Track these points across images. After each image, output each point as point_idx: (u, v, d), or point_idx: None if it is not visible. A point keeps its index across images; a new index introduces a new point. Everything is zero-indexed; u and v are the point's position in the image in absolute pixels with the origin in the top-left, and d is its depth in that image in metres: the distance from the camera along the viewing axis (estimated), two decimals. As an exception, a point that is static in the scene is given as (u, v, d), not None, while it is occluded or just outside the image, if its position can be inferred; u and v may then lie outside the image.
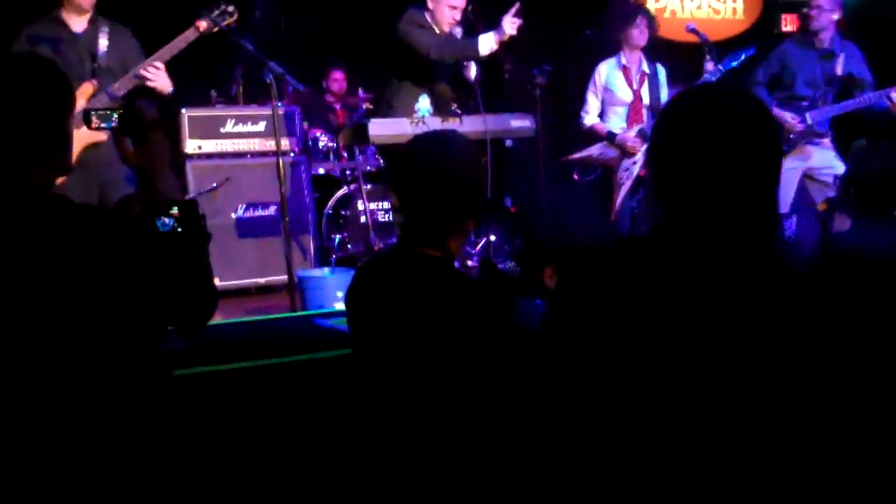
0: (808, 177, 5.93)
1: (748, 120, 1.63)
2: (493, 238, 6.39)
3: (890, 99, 5.61)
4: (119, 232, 1.94)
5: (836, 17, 5.80)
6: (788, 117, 5.73)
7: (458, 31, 5.46)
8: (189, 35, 4.70)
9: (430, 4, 5.42)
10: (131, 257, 1.91)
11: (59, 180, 4.03)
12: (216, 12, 4.78)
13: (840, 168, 5.86)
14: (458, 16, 5.40)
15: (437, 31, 5.38)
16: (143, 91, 4.58)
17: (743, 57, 5.61)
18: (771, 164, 1.65)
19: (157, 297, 1.95)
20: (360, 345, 2.42)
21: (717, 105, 1.65)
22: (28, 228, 1.84)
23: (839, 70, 5.86)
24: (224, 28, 4.77)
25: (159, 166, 2.17)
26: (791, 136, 5.76)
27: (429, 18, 5.40)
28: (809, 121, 5.76)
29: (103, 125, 2.19)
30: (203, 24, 4.73)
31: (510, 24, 5.20)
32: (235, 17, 4.85)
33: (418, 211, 2.32)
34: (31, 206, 1.88)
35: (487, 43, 5.27)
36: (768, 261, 1.63)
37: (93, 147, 4.23)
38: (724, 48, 5.95)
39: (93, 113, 2.18)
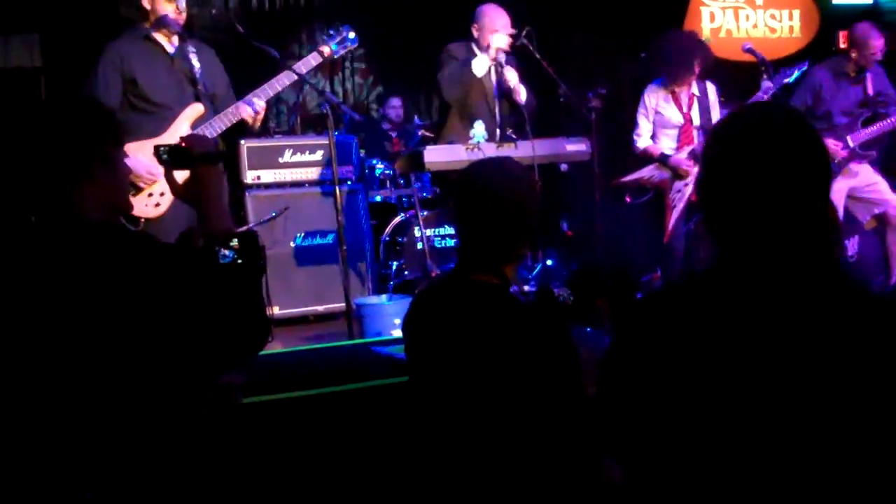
0: (850, 197, 5.87)
1: (796, 136, 1.60)
2: (549, 262, 6.39)
3: None
4: (174, 263, 1.97)
5: (879, 58, 5.81)
6: (831, 144, 5.70)
7: (503, 58, 5.50)
8: (311, 61, 4.68)
9: (474, 33, 5.49)
10: (187, 288, 1.94)
11: (160, 212, 4.20)
12: (337, 39, 4.77)
13: (882, 182, 5.81)
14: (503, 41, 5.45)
15: (488, 60, 5.47)
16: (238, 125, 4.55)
17: (797, 73, 5.59)
18: (822, 180, 1.61)
19: (213, 328, 1.98)
20: (417, 372, 2.43)
21: (764, 123, 1.62)
22: (81, 259, 1.88)
23: (870, 89, 5.84)
24: (342, 55, 4.77)
25: (211, 198, 2.19)
26: (837, 161, 5.72)
27: (474, 47, 5.48)
28: (852, 144, 5.72)
29: (162, 159, 2.23)
30: (326, 51, 4.72)
31: (499, 38, 5.33)
32: (356, 45, 4.84)
33: (474, 237, 2.34)
34: (85, 236, 1.92)
35: (481, 64, 5.36)
36: (838, 284, 1.58)
37: None
38: (780, 67, 5.90)
39: (160, 148, 2.23)
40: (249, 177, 5.97)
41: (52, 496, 1.82)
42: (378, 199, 7.03)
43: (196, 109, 4.47)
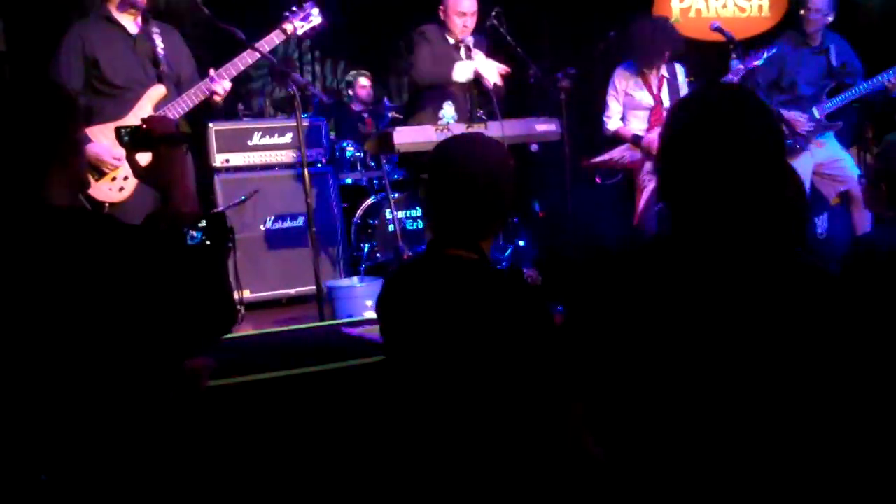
0: (816, 173, 5.90)
1: (747, 115, 1.67)
2: (521, 243, 6.40)
3: (889, 81, 5.60)
4: (141, 245, 1.96)
5: (830, 19, 5.81)
6: (797, 116, 5.73)
7: (471, 40, 5.50)
8: (274, 39, 4.62)
9: (441, 16, 5.48)
10: (154, 270, 1.93)
11: (125, 195, 4.16)
12: (300, 15, 4.74)
13: (847, 159, 5.85)
14: (468, 23, 5.46)
15: (452, 42, 5.47)
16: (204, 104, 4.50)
17: (765, 55, 5.58)
18: (771, 156, 1.68)
19: (179, 310, 1.96)
20: (395, 350, 2.42)
21: (718, 102, 1.70)
22: (47, 243, 1.87)
23: (834, 62, 5.86)
24: (307, 34, 4.72)
25: (174, 180, 2.17)
26: (803, 133, 5.75)
27: (444, 31, 5.47)
28: (818, 115, 5.75)
29: (123, 141, 2.21)
30: (289, 28, 4.66)
31: (494, 74, 5.36)
32: (321, 22, 4.79)
33: (449, 213, 2.33)
34: (51, 220, 1.91)
35: (464, 72, 5.39)
36: (784, 257, 1.63)
37: None
38: (750, 46, 5.91)
39: (121, 130, 2.21)
40: (218, 160, 5.94)
41: (4, 477, 1.81)
42: (349, 181, 7.01)
43: (158, 91, 4.43)
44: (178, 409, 2.15)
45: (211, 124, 5.89)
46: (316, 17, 4.78)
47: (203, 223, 2.13)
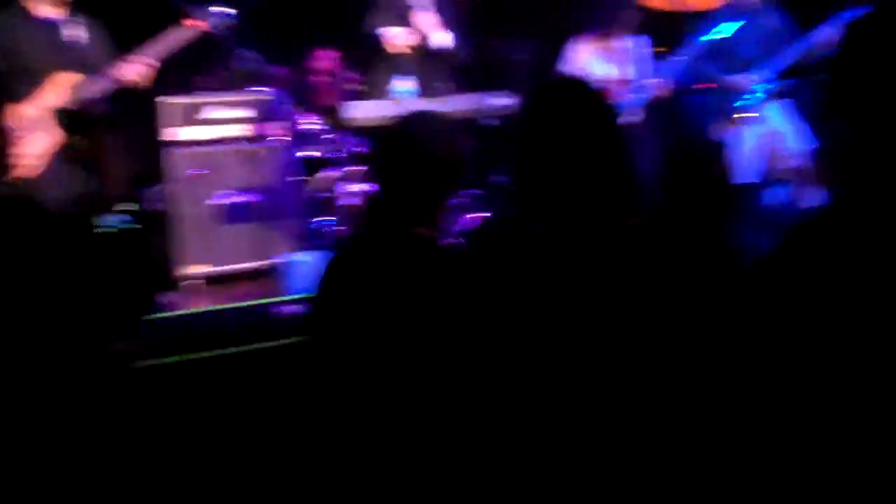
0: (763, 145, 5.91)
1: (586, 111, 1.77)
2: (483, 216, 6.37)
3: (830, 32, 5.61)
4: (68, 229, 1.93)
5: None
6: (740, 80, 5.73)
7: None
8: (185, 33, 4.60)
9: None
10: (74, 254, 1.90)
11: (31, 171, 4.10)
12: (217, 13, 4.73)
13: (794, 129, 5.86)
14: None
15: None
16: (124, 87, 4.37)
17: (724, 26, 5.57)
18: (609, 151, 1.77)
19: (105, 293, 1.94)
20: (337, 328, 2.37)
21: (556, 101, 1.81)
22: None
23: (772, 25, 5.87)
24: (222, 32, 4.73)
25: (108, 162, 2.15)
26: (748, 98, 5.74)
27: None
28: (762, 78, 5.74)
29: (62, 123, 2.17)
30: (200, 23, 4.65)
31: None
32: (234, 21, 4.79)
33: (404, 190, 2.33)
34: None
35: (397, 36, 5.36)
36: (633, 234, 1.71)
37: None
38: (709, 17, 5.89)
39: (59, 112, 2.17)
40: (169, 135, 5.86)
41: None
42: (308, 154, 6.94)
43: (68, 77, 4.28)
44: (103, 390, 2.13)
45: (161, 98, 5.81)
46: (230, 16, 4.82)
47: (134, 206, 2.09)
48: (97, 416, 2.01)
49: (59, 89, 4.34)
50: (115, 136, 2.16)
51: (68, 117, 2.15)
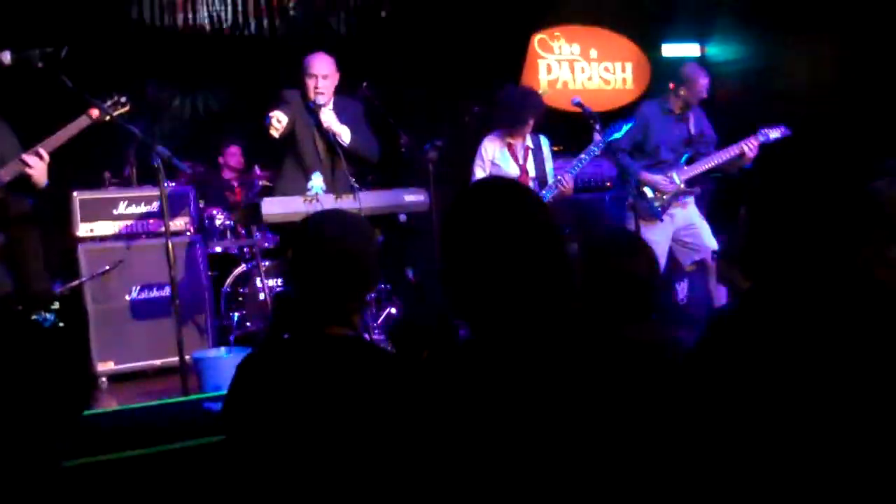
0: (674, 240, 6.17)
1: (518, 211, 1.75)
2: (393, 311, 6.44)
3: (748, 147, 5.93)
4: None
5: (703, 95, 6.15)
6: (660, 179, 6.00)
7: (323, 100, 5.56)
8: (81, 122, 4.59)
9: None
10: (7, 354, 1.91)
11: None
12: (109, 102, 4.76)
13: (704, 227, 6.12)
14: (318, 84, 5.53)
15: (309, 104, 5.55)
16: (21, 182, 4.22)
17: (624, 128, 5.81)
18: (546, 248, 1.74)
19: (34, 393, 1.94)
20: (258, 430, 2.35)
21: (484, 204, 1.78)
22: None
23: (693, 129, 6.18)
24: (115, 119, 4.75)
25: (28, 260, 2.15)
26: (665, 198, 6.01)
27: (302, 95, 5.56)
28: (678, 180, 6.02)
29: None
30: (95, 113, 4.65)
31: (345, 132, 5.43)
32: (127, 108, 4.83)
33: (318, 289, 2.33)
34: None
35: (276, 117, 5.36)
36: (579, 338, 1.71)
37: None
38: (614, 118, 6.13)
39: None
40: (83, 230, 5.83)
41: None
42: (218, 249, 6.95)
43: None
44: (33, 491, 2.11)
45: (75, 193, 5.79)
46: (122, 104, 4.85)
47: (55, 305, 2.11)
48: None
49: None
50: (33, 231, 2.17)
51: None
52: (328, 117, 5.52)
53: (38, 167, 4.27)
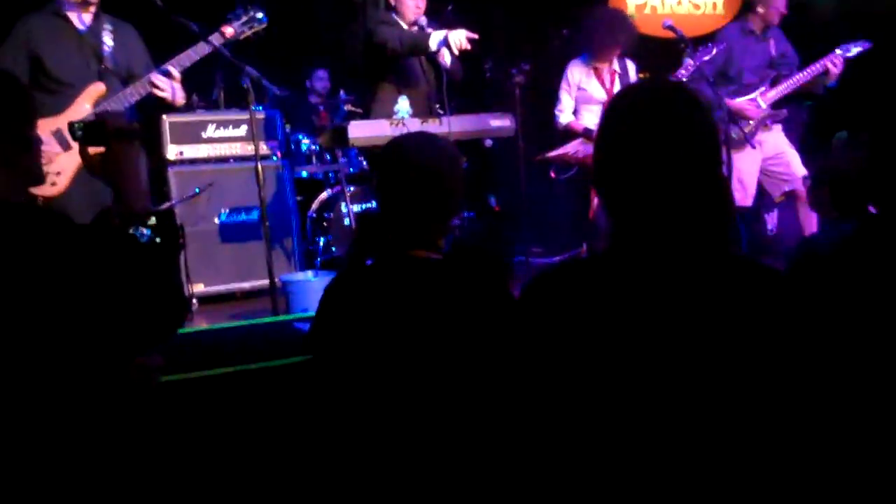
0: (762, 171, 5.99)
1: (684, 114, 1.63)
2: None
3: (833, 64, 5.70)
4: (94, 243, 1.96)
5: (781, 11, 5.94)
6: (746, 104, 5.82)
7: (424, 21, 5.45)
8: (214, 40, 4.55)
9: (392, 2, 5.47)
10: (105, 268, 1.93)
11: (57, 190, 4.10)
12: (244, 19, 4.69)
13: (793, 154, 5.93)
14: (420, 4, 5.43)
15: (405, 26, 5.43)
16: (155, 100, 4.41)
17: (714, 51, 5.63)
18: (710, 157, 1.64)
19: (130, 308, 1.96)
20: (344, 352, 2.38)
21: (651, 101, 1.65)
22: (9, 241, 1.86)
23: (773, 51, 5.97)
24: (251, 37, 4.69)
25: (128, 176, 2.16)
26: (752, 123, 5.83)
27: (394, 15, 5.45)
28: (764, 104, 5.84)
29: (76, 136, 2.20)
30: (229, 31, 4.61)
31: (458, 40, 5.18)
32: (265, 24, 4.76)
33: (403, 210, 2.31)
34: (10, 219, 1.90)
35: (437, 40, 5.24)
36: (727, 261, 1.62)
37: None
38: (703, 43, 5.96)
39: (74, 125, 2.19)
40: (172, 152, 5.89)
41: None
42: (304, 174, 6.99)
43: (97, 88, 4.35)
44: (129, 406, 2.15)
45: (164, 116, 5.83)
46: (259, 20, 4.75)
47: (153, 220, 2.12)
48: (121, 430, 2.03)
49: (90, 101, 4.30)
50: (132, 147, 2.18)
51: (82, 129, 2.17)
52: (436, 37, 5.43)
53: (167, 87, 4.39)
